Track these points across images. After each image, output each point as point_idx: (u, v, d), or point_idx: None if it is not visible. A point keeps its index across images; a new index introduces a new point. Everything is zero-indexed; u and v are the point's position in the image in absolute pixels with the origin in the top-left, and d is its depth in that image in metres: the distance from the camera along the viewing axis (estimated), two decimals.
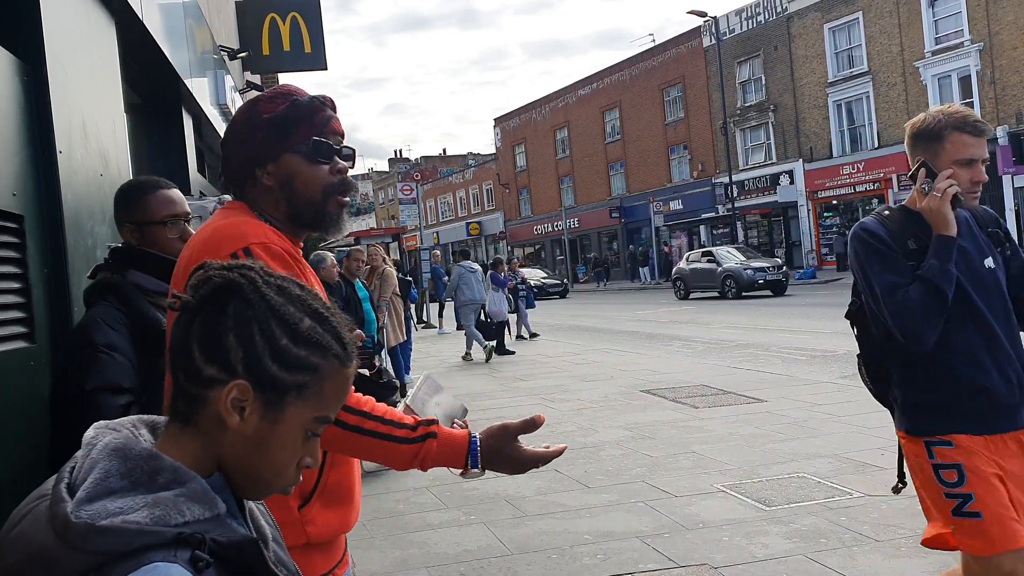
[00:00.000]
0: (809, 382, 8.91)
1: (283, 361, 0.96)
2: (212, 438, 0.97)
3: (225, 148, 1.65)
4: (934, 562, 3.84)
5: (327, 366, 0.99)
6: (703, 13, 33.89)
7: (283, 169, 1.59)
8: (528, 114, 52.45)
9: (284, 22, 9.98)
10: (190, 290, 0.98)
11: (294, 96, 1.62)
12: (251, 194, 1.62)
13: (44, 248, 2.24)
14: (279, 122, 1.58)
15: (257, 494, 1.02)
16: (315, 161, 1.60)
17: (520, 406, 8.86)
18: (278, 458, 0.99)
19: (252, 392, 0.95)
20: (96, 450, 0.93)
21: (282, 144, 1.58)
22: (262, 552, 0.94)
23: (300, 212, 1.62)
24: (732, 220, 34.18)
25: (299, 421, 0.98)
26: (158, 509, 0.88)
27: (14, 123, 2.12)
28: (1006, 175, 25.97)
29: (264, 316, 0.96)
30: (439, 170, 70.99)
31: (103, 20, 3.05)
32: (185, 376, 0.96)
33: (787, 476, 5.42)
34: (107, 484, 0.89)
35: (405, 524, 5.06)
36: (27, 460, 2.00)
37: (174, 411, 0.99)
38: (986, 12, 26.69)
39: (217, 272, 0.99)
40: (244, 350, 0.95)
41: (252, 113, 1.62)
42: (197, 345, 0.95)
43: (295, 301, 0.99)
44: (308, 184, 1.60)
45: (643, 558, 4.18)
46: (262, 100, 1.63)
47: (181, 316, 0.97)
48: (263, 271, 1.01)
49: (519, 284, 16.63)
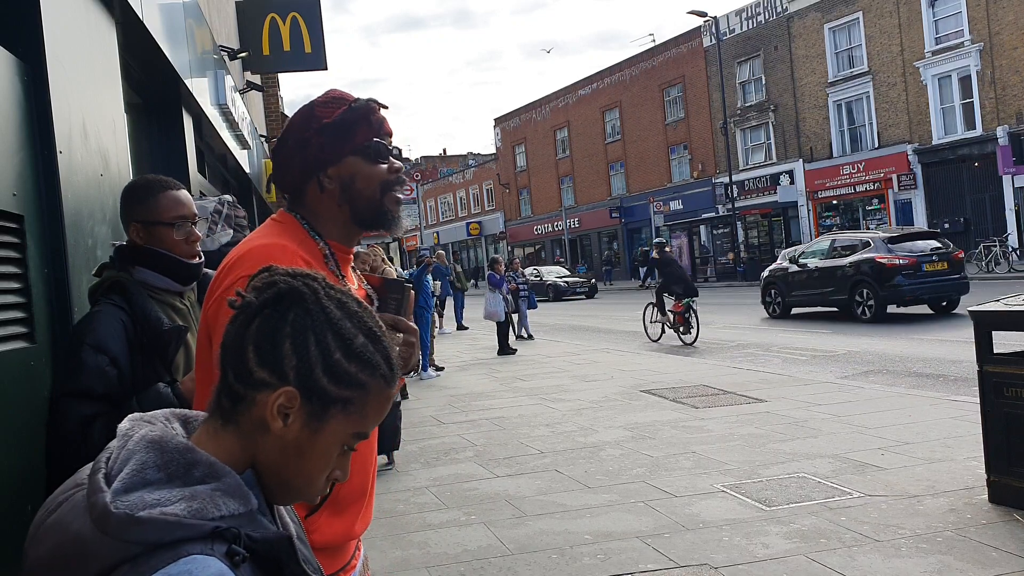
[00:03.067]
0: (809, 382, 8.91)
1: (333, 374, 0.97)
2: (251, 439, 0.98)
3: (280, 155, 1.66)
4: (934, 562, 3.85)
5: (374, 384, 1.00)
6: (703, 13, 33.90)
7: (345, 171, 1.62)
8: (528, 114, 52.46)
9: (284, 22, 9.99)
10: (253, 291, 1.00)
11: (349, 100, 1.64)
12: (309, 199, 1.64)
13: (44, 248, 2.24)
14: (340, 126, 1.61)
15: (285, 500, 1.03)
16: (375, 162, 1.63)
17: (520, 406, 8.86)
18: (313, 468, 1.01)
19: (299, 400, 0.96)
20: (133, 441, 0.94)
21: (343, 148, 1.61)
22: (295, 549, 0.95)
23: (361, 212, 1.65)
24: (732, 220, 34.18)
25: (338, 435, 1.00)
26: (195, 502, 0.89)
27: (14, 123, 2.12)
28: (1006, 175, 25.97)
29: (322, 328, 0.97)
30: (439, 170, 71.03)
31: (103, 20, 3.05)
32: (235, 375, 0.97)
33: (787, 476, 5.42)
34: (144, 475, 0.91)
35: (405, 524, 5.06)
36: (27, 460, 2.00)
37: (217, 407, 1.00)
38: (986, 12, 26.68)
39: (283, 278, 1.00)
40: (298, 358, 0.96)
41: (311, 119, 1.63)
42: (253, 347, 0.96)
43: (352, 317, 1.00)
44: (369, 183, 1.63)
45: (643, 558, 4.18)
46: (317, 106, 1.64)
47: (240, 315, 0.99)
48: (326, 283, 1.02)
49: (520, 284, 16.63)
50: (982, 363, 4.64)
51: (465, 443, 7.23)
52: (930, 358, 10.26)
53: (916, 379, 8.98)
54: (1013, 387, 4.44)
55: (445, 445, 7.21)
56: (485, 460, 6.53)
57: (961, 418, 6.51)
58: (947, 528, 4.27)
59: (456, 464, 6.50)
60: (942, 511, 4.53)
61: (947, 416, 6.72)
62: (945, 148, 28.26)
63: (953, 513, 4.49)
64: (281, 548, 0.94)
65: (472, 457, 6.68)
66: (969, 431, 5.89)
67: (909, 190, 29.60)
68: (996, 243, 23.82)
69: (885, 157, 30.14)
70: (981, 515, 4.42)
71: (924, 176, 29.23)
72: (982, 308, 4.79)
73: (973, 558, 3.85)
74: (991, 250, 23.52)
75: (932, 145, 28.70)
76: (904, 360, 10.30)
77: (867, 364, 10.25)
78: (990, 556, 3.86)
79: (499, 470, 6.19)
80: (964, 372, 8.73)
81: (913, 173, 29.39)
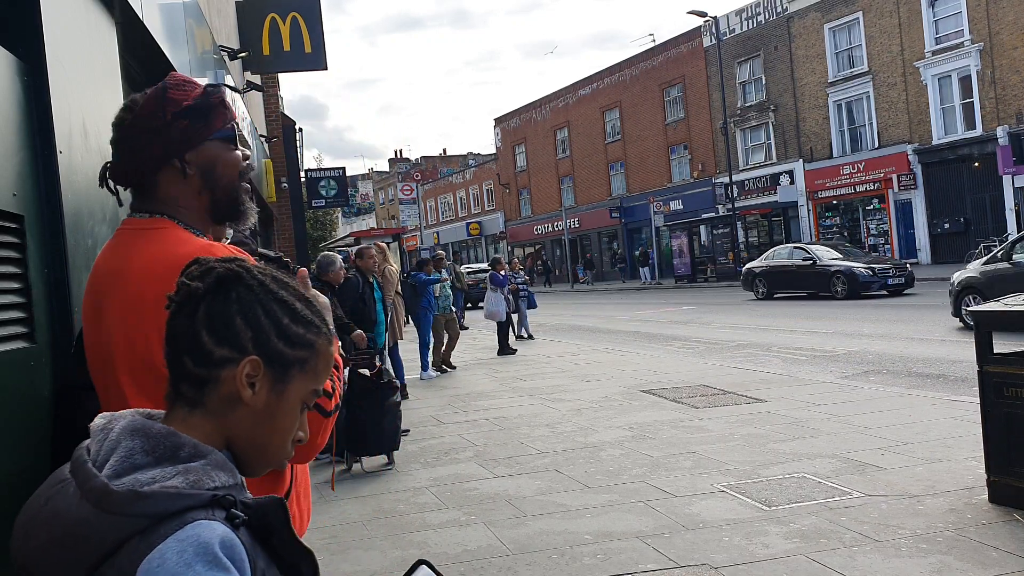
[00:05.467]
0: (809, 382, 8.91)
1: (287, 338, 1.05)
2: (222, 417, 1.04)
3: (129, 141, 1.56)
4: (934, 562, 3.85)
5: (320, 342, 1.09)
6: (703, 13, 33.89)
7: (204, 157, 1.57)
8: (528, 114, 52.46)
9: (284, 22, 9.99)
10: (193, 280, 1.05)
11: (198, 84, 1.59)
12: (164, 191, 1.56)
13: (44, 248, 2.24)
14: (200, 109, 1.55)
15: (259, 469, 1.09)
16: (234, 147, 1.61)
17: (520, 406, 8.86)
18: (284, 427, 1.08)
19: (263, 367, 1.03)
20: (115, 432, 0.99)
21: (204, 132, 1.56)
22: (286, 511, 1.00)
23: (219, 201, 1.60)
24: (732, 220, 34.18)
25: (299, 393, 1.08)
26: (191, 475, 0.95)
27: (14, 123, 2.12)
28: (1006, 175, 25.97)
29: (266, 299, 1.05)
30: (439, 170, 71.00)
31: (103, 20, 3.05)
32: (194, 361, 1.02)
33: (787, 476, 5.42)
34: (132, 460, 0.96)
35: (405, 524, 5.06)
36: (27, 460, 2.00)
37: (178, 396, 1.05)
38: (986, 12, 26.68)
39: (217, 264, 1.07)
40: (253, 330, 1.03)
41: (165, 102, 1.55)
42: (206, 330, 1.02)
43: (285, 287, 1.09)
44: (228, 170, 1.60)
45: (643, 558, 4.18)
46: (170, 88, 1.57)
47: (184, 306, 1.04)
48: (252, 264, 1.10)
49: (520, 284, 16.63)
50: (982, 363, 4.63)
51: (465, 443, 7.23)
52: (930, 358, 10.26)
53: (916, 379, 8.98)
54: (1013, 387, 4.44)
55: (445, 445, 7.21)
56: (485, 460, 6.53)
57: (961, 418, 6.51)
58: (947, 528, 4.27)
59: (456, 464, 6.50)
60: (942, 511, 4.53)
61: (947, 416, 6.72)
62: (945, 148, 28.26)
63: (953, 513, 4.49)
64: (273, 512, 0.99)
65: (472, 457, 6.68)
66: (969, 431, 5.89)
67: (909, 190, 29.60)
68: (996, 243, 23.82)
69: (885, 157, 30.14)
70: (981, 515, 4.41)
71: (924, 176, 29.23)
72: (982, 308, 4.80)
73: (973, 558, 3.85)
74: (991, 250, 23.50)
75: (932, 145, 28.70)
76: (904, 360, 10.30)
77: (867, 364, 10.25)
78: (990, 556, 3.86)
79: (499, 470, 6.19)
80: (964, 372, 8.73)
81: (913, 173, 29.39)
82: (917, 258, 29.03)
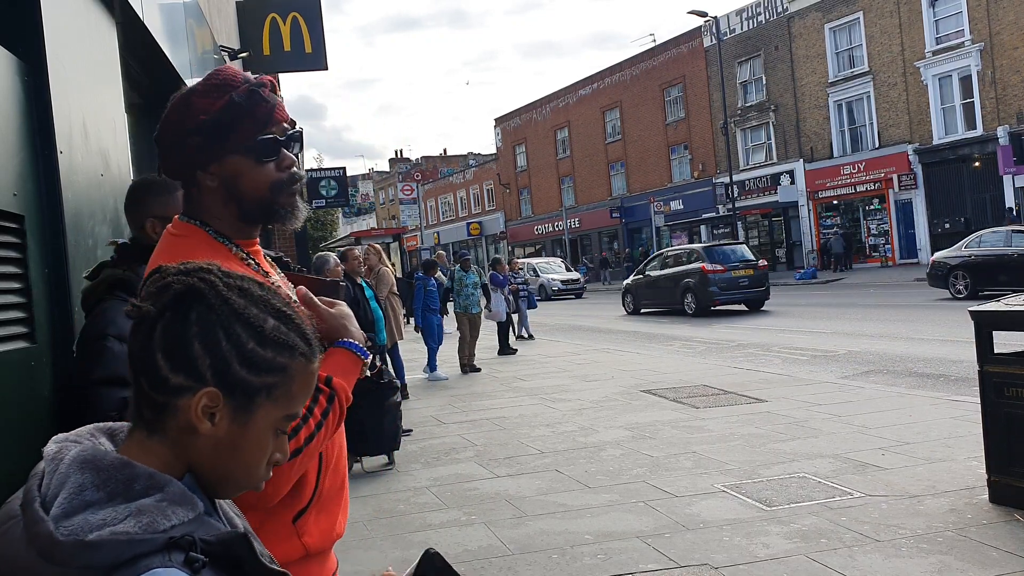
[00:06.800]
0: (809, 382, 8.91)
1: (251, 365, 0.95)
2: (181, 444, 0.95)
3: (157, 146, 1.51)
4: (934, 562, 3.85)
5: (294, 364, 0.98)
6: (703, 13, 33.88)
7: (227, 170, 1.46)
8: (528, 114, 52.45)
9: (285, 22, 9.98)
10: (149, 298, 0.96)
11: (232, 89, 1.45)
12: (195, 197, 1.51)
13: (44, 248, 2.24)
14: (216, 126, 1.43)
15: (228, 493, 1.02)
16: (261, 161, 1.47)
17: (520, 406, 8.86)
18: (250, 459, 0.99)
19: (222, 398, 0.94)
20: (64, 464, 0.90)
21: (223, 147, 1.45)
22: (252, 546, 0.93)
23: (250, 211, 1.51)
24: (732, 220, 34.18)
25: (269, 421, 0.98)
26: (144, 516, 0.86)
27: (14, 123, 2.12)
28: (1006, 175, 25.97)
29: (228, 321, 0.94)
30: (439, 170, 70.97)
31: (103, 20, 3.05)
32: (150, 384, 0.94)
33: (787, 476, 5.41)
34: (82, 497, 0.87)
35: (405, 524, 5.06)
36: (27, 460, 1.99)
37: (139, 417, 0.97)
38: (986, 12, 26.68)
39: (176, 278, 0.96)
40: (211, 357, 0.93)
41: (186, 113, 1.45)
42: (162, 354, 0.93)
43: (257, 302, 0.97)
44: (255, 185, 1.48)
45: (643, 558, 4.18)
46: (196, 95, 1.46)
47: (141, 324, 0.95)
48: (222, 272, 0.99)
49: (520, 284, 16.63)
50: (982, 363, 4.63)
51: (465, 443, 7.23)
52: (930, 358, 10.26)
53: (916, 379, 8.98)
54: (1013, 387, 4.43)
55: (445, 445, 7.21)
56: (485, 460, 6.53)
57: (961, 418, 6.51)
58: (947, 528, 4.27)
59: (456, 464, 6.49)
60: (942, 511, 4.53)
61: (947, 416, 6.72)
62: (945, 148, 28.26)
63: (953, 513, 4.48)
64: (238, 545, 0.92)
65: (472, 457, 6.68)
66: (969, 431, 5.89)
67: (909, 190, 29.59)
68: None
69: (885, 157, 30.14)
70: (981, 515, 4.41)
71: (924, 176, 29.23)
72: (982, 308, 4.79)
73: (973, 558, 3.85)
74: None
75: (932, 145, 28.69)
76: (904, 360, 10.30)
77: (867, 364, 10.24)
78: (990, 556, 3.86)
79: (499, 470, 6.19)
80: (964, 372, 8.73)
81: (913, 173, 29.39)
82: (918, 258, 29.02)
